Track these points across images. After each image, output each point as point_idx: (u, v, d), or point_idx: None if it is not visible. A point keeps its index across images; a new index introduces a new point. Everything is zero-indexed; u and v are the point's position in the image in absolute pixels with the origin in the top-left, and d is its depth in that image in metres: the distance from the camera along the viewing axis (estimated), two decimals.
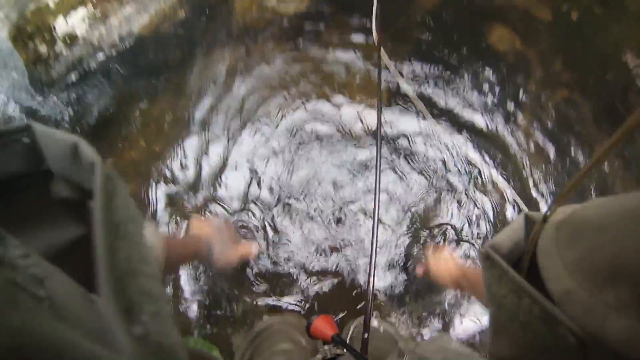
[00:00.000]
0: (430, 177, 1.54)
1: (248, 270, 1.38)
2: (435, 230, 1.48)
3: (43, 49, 2.14)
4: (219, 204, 1.47)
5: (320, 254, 1.42)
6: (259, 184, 1.50)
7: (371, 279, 0.69)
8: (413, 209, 1.49)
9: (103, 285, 0.17)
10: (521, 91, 1.75)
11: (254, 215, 1.46)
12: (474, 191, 1.54)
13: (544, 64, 1.85)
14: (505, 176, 1.58)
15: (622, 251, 0.22)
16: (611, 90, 1.95)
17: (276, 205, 1.47)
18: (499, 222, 1.51)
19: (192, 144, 1.55)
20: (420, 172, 1.54)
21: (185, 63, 1.64)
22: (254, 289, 1.38)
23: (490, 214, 1.52)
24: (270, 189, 1.49)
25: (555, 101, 1.76)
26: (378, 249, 1.42)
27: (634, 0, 2.55)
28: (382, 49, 1.56)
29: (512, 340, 0.28)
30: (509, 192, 1.54)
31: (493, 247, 0.30)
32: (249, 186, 1.49)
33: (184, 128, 1.56)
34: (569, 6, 2.30)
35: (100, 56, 1.77)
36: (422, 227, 1.48)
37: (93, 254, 0.18)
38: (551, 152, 1.65)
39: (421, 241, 1.46)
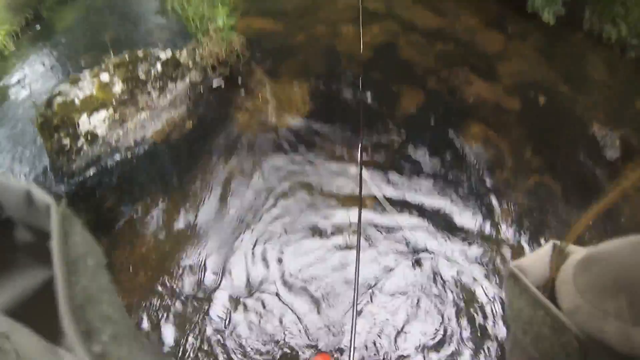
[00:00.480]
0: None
1: None
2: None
3: (66, 141, 2.38)
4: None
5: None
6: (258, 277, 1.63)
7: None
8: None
9: (64, 314, 0.19)
10: (496, 181, 1.91)
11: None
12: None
13: (516, 152, 2.04)
14: (483, 264, 1.70)
15: (622, 269, 0.28)
16: (581, 167, 2.11)
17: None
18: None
19: (194, 241, 1.71)
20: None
21: (191, 168, 1.85)
22: None
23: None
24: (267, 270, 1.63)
25: (527, 186, 1.92)
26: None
27: (596, 69, 2.78)
28: (363, 167, 1.74)
29: (524, 354, 0.34)
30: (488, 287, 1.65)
31: (518, 266, 0.35)
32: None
33: (189, 227, 1.74)
34: (535, 91, 2.53)
35: (117, 157, 2.00)
36: None
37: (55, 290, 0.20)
38: (525, 236, 1.78)
39: None
